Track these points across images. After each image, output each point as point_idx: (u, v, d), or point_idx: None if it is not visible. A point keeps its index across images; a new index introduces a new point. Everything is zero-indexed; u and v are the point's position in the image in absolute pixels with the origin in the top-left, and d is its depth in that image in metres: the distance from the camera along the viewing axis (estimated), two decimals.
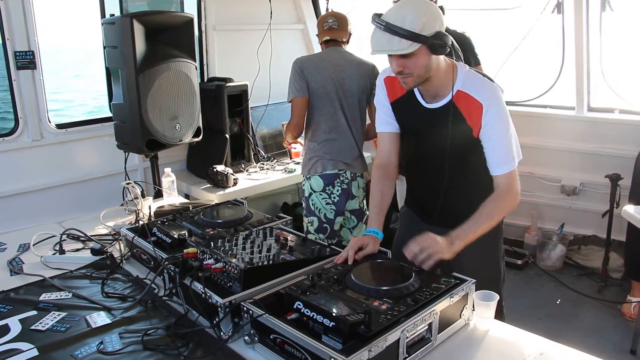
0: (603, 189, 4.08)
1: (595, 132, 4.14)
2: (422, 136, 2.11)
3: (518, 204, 2.01)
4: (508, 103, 4.54)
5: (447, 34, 1.82)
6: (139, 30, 2.91)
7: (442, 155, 2.02)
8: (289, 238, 2.08)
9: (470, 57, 3.67)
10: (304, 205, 3.29)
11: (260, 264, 1.77)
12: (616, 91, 4.14)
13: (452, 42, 2.38)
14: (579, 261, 4.35)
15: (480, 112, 1.91)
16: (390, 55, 1.86)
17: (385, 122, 2.17)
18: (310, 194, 3.19)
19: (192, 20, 3.26)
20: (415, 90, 2.04)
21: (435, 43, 1.79)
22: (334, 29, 3.21)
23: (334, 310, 1.47)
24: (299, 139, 3.49)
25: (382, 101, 2.16)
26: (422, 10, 1.78)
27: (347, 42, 3.29)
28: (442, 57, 1.90)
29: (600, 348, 3.27)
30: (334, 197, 3.14)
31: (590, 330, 3.51)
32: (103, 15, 3.47)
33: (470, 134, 1.96)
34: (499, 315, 2.21)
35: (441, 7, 3.53)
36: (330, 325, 1.42)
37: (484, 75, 2.01)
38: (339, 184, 3.13)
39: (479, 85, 1.94)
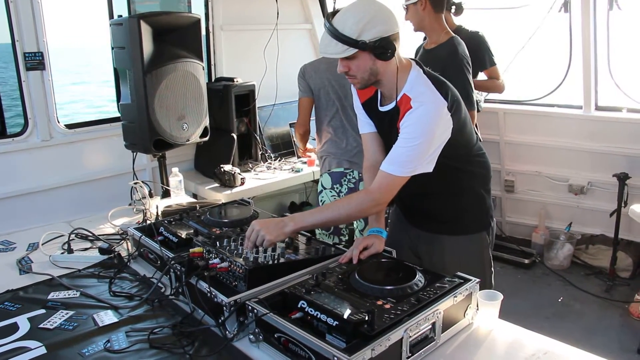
0: (611, 188, 4.07)
1: (603, 131, 4.12)
2: (382, 138, 2.12)
3: (374, 210, 1.98)
4: (515, 102, 4.58)
5: (392, 40, 1.78)
6: (146, 31, 2.93)
7: None
8: (294, 238, 2.09)
9: (485, 56, 3.64)
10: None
11: (265, 263, 1.79)
12: (624, 90, 4.12)
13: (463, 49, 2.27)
14: (587, 260, 4.34)
15: (405, 113, 1.85)
16: None
17: (364, 123, 2.16)
18: (321, 191, 3.28)
19: (199, 20, 3.27)
20: (378, 92, 2.03)
21: (375, 49, 1.76)
22: None
23: (338, 309, 1.48)
24: (311, 147, 3.61)
25: (356, 103, 2.17)
26: (364, 15, 1.75)
27: None
28: (394, 60, 1.84)
29: (607, 347, 3.26)
30: (342, 196, 3.19)
31: (597, 329, 3.51)
32: (111, 16, 3.50)
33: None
34: None
35: (459, 4, 3.53)
36: (334, 325, 1.43)
37: (439, 83, 1.92)
38: (346, 183, 3.18)
39: (421, 91, 1.87)
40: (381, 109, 2.02)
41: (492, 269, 2.32)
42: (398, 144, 1.87)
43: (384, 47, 1.77)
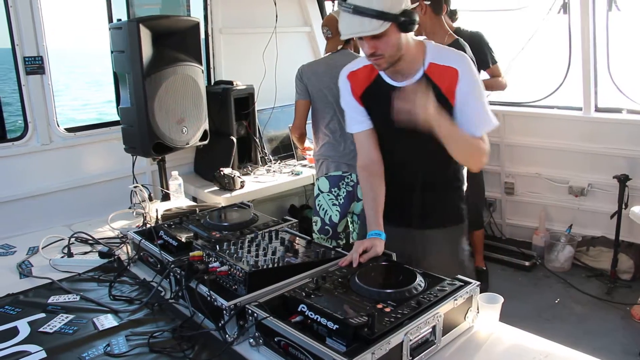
0: (611, 190, 4.06)
1: (603, 132, 4.12)
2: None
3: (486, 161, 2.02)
4: (515, 104, 4.58)
5: (413, 10, 1.84)
6: (145, 34, 2.93)
7: (421, 133, 1.92)
8: (294, 241, 2.09)
9: (487, 55, 3.65)
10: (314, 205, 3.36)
11: (265, 266, 1.78)
12: (623, 91, 4.12)
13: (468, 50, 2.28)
14: (588, 262, 4.33)
15: (456, 78, 1.92)
16: (361, 38, 1.87)
17: (355, 121, 2.16)
18: (318, 195, 3.25)
19: (198, 24, 3.27)
20: (382, 75, 2.04)
21: (404, 20, 1.81)
22: (330, 38, 3.28)
23: (338, 313, 1.47)
24: (310, 145, 3.55)
25: (348, 100, 2.15)
26: None
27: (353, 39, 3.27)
28: (411, 35, 1.92)
29: (609, 350, 3.25)
30: (340, 199, 3.18)
31: (598, 332, 3.49)
32: (110, 20, 3.51)
33: (448, 105, 1.94)
34: None
35: (454, 11, 3.53)
36: (334, 328, 1.43)
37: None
38: (344, 186, 3.17)
39: (450, 54, 1.98)
40: (400, 84, 2.00)
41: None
42: (473, 106, 1.95)
43: (411, 18, 1.81)
